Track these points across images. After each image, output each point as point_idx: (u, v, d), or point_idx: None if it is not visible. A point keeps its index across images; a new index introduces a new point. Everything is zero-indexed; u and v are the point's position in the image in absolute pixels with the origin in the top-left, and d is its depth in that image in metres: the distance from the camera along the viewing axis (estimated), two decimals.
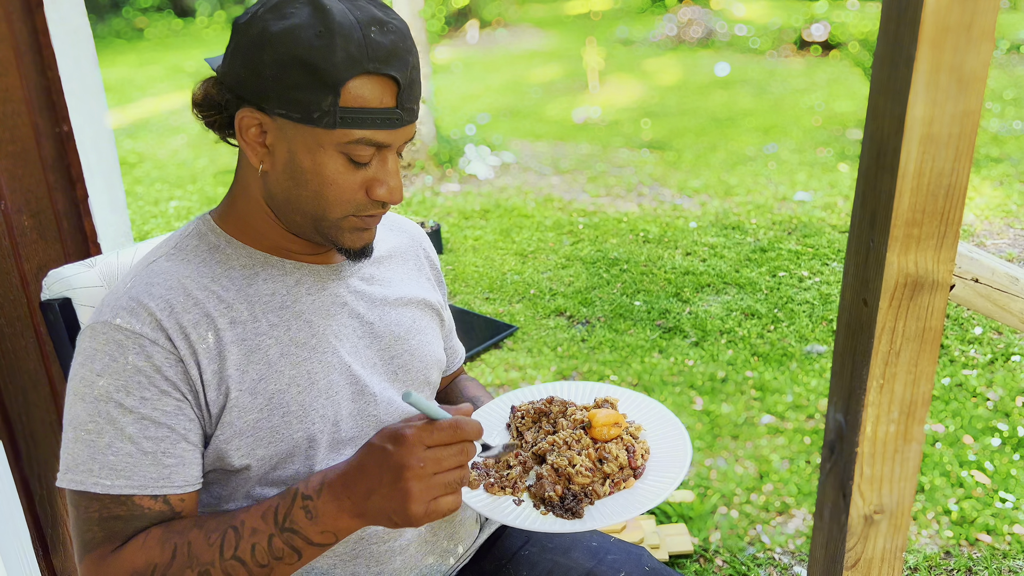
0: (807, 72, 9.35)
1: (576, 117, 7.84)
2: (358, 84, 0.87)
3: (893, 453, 0.85)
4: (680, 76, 9.60)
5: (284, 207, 0.95)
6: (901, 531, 0.91)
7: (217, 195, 5.86)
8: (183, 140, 7.51)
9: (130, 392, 0.88)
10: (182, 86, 9.88)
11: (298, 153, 0.90)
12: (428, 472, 0.79)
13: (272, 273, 0.99)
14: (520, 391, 1.20)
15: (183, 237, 0.99)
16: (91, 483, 0.87)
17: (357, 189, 0.93)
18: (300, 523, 0.83)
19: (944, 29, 0.70)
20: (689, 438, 1.08)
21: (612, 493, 1.01)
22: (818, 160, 6.00)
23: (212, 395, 0.91)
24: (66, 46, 1.18)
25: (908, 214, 0.75)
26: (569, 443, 1.04)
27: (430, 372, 1.12)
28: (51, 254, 1.27)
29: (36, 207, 1.25)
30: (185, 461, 0.90)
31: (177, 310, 0.91)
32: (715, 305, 3.72)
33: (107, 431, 0.87)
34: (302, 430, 0.96)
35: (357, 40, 0.85)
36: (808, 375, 3.09)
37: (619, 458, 1.03)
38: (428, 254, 1.20)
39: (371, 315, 1.05)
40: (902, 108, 0.74)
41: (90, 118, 1.22)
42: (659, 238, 4.59)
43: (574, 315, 3.72)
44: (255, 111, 0.90)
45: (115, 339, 0.89)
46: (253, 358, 0.94)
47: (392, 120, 0.90)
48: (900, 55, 0.74)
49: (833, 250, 4.23)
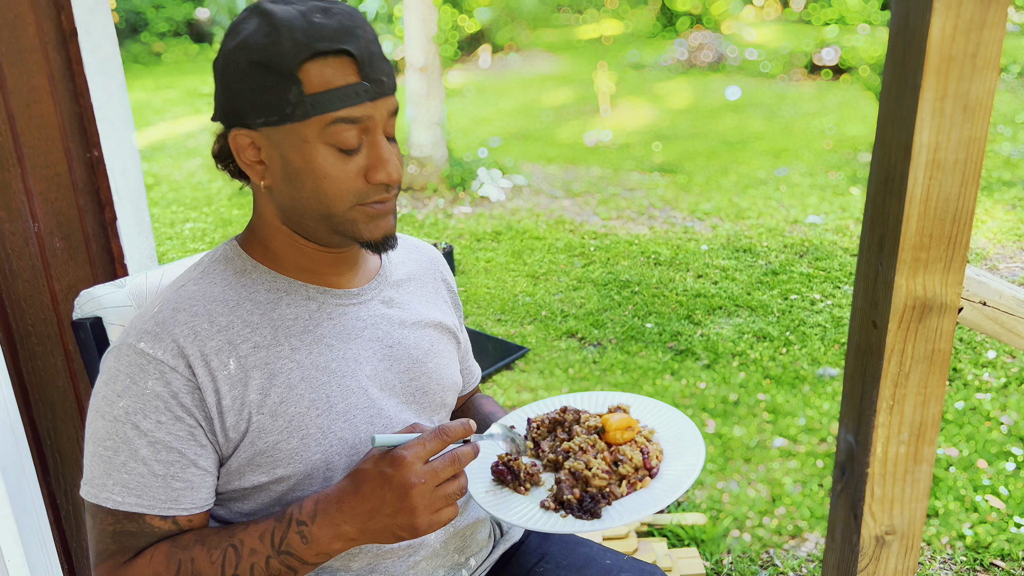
0: (818, 96, 9.38)
1: (587, 140, 7.89)
2: (316, 68, 0.88)
3: (904, 474, 0.86)
4: (691, 100, 9.66)
5: (294, 215, 0.97)
6: (912, 552, 0.91)
7: (232, 217, 5.92)
8: (198, 163, 7.60)
9: (147, 415, 0.91)
10: (198, 110, 10.02)
11: (289, 155, 0.92)
12: (430, 486, 0.85)
13: (296, 298, 1.01)
14: (534, 404, 1.23)
15: (211, 261, 1.02)
16: (104, 497, 0.91)
17: (355, 178, 0.93)
18: (295, 547, 0.88)
19: (949, 58, 0.72)
20: (702, 437, 1.10)
21: (629, 493, 1.03)
22: (829, 183, 6.01)
23: (232, 420, 0.94)
24: (97, 74, 1.23)
25: (916, 238, 0.77)
26: (584, 448, 1.07)
27: (447, 395, 1.14)
28: (80, 275, 1.30)
29: (67, 229, 1.29)
30: (193, 485, 0.93)
31: (201, 336, 0.93)
32: (727, 328, 3.73)
33: (123, 450, 0.91)
34: (320, 452, 0.98)
35: (301, 26, 0.88)
36: (820, 398, 3.09)
37: (634, 459, 1.05)
38: (445, 277, 1.22)
39: (391, 338, 1.07)
40: (909, 135, 0.75)
41: (119, 143, 1.26)
42: (670, 260, 4.60)
43: (585, 337, 3.73)
44: (241, 130, 0.93)
45: (137, 363, 0.91)
46: (275, 381, 0.96)
47: (360, 94, 0.90)
48: (906, 83, 0.76)
49: (845, 273, 4.23)
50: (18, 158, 1.23)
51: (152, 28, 14.97)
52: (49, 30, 1.26)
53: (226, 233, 5.58)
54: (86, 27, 1.26)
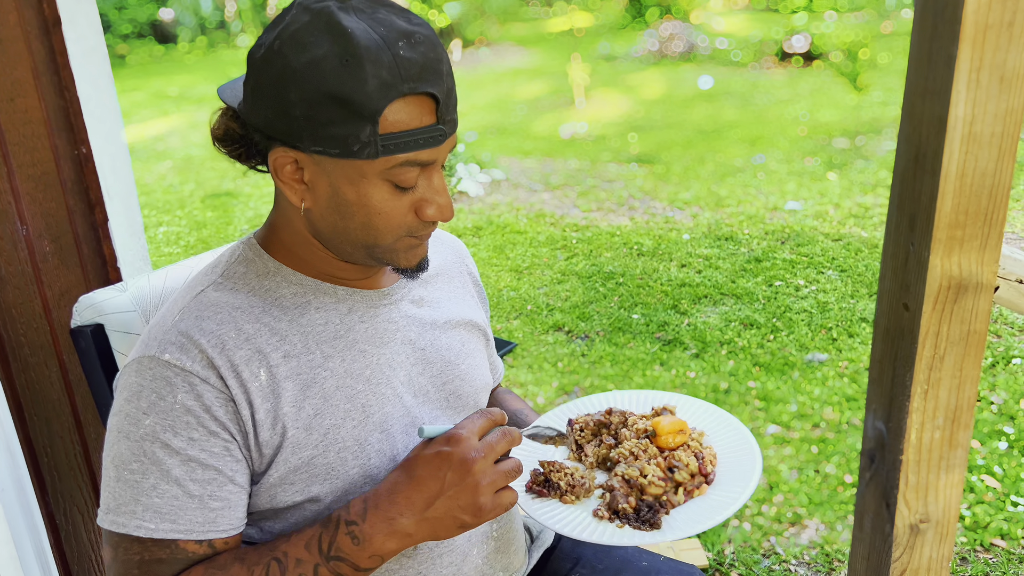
0: (789, 83, 9.43)
1: (563, 133, 7.86)
2: (396, 108, 0.82)
3: (939, 460, 0.84)
4: (664, 90, 9.66)
5: (333, 240, 0.91)
6: (947, 540, 0.89)
7: (206, 219, 5.82)
8: (169, 165, 7.47)
9: (177, 432, 0.84)
10: (166, 112, 9.84)
11: (341, 187, 0.86)
12: (489, 460, 0.82)
13: (324, 301, 0.95)
14: (573, 403, 1.18)
15: (230, 264, 0.95)
16: (134, 526, 0.83)
17: (406, 213, 0.88)
18: (347, 550, 0.82)
19: (985, 27, 0.69)
20: (754, 439, 1.06)
21: (686, 501, 0.99)
22: (806, 170, 6.03)
23: (265, 435, 0.88)
24: (83, 66, 1.16)
25: (951, 216, 0.74)
26: (636, 453, 1.02)
27: (480, 396, 1.09)
28: (71, 280, 1.23)
29: (57, 232, 1.22)
30: (231, 504, 0.87)
31: (229, 346, 0.87)
32: (713, 316, 3.72)
33: (152, 472, 0.84)
34: (358, 466, 0.92)
35: (387, 62, 0.80)
36: (811, 383, 3.08)
37: (689, 465, 1.00)
38: (471, 270, 1.18)
39: (423, 340, 1.02)
40: (943, 108, 0.72)
41: (107, 139, 1.19)
42: (653, 251, 4.58)
43: (573, 330, 3.70)
44: (288, 150, 0.85)
45: (163, 376, 0.85)
46: (309, 392, 0.90)
47: (435, 138, 0.85)
48: (939, 55, 0.73)
49: (827, 258, 4.24)
50: (3, 156, 1.15)
51: (115, 30, 14.68)
52: (31, 18, 1.18)
53: (201, 236, 5.48)
54: (70, 15, 1.19)
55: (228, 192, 6.47)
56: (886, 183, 5.43)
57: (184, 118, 9.47)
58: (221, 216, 5.88)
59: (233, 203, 6.17)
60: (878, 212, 4.87)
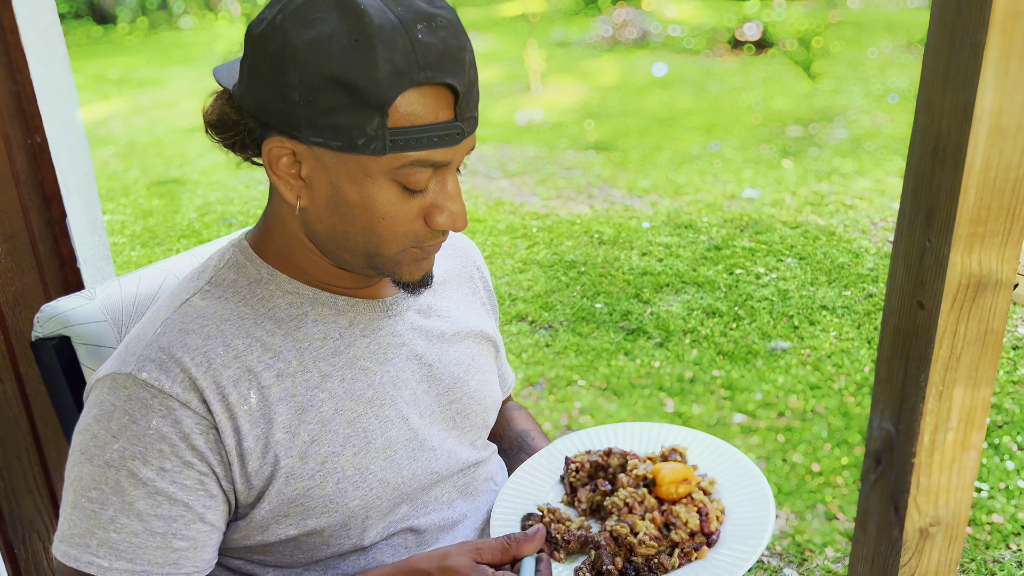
0: (742, 71, 9.51)
1: (519, 120, 7.79)
2: (408, 99, 0.73)
3: (951, 462, 0.81)
4: (619, 77, 9.66)
5: (330, 244, 0.82)
6: (956, 543, 0.87)
7: (152, 207, 5.62)
8: (111, 151, 7.19)
9: (148, 461, 0.75)
10: (106, 95, 9.48)
11: (342, 185, 0.76)
12: None
13: (323, 312, 0.86)
14: (574, 435, 1.07)
15: (218, 269, 0.86)
16: (86, 561, 0.75)
17: (414, 219, 0.80)
18: None
19: (1015, 14, 0.66)
20: (771, 492, 0.95)
21: (682, 565, 0.87)
22: (762, 157, 6.08)
23: (255, 465, 0.79)
24: (36, 46, 1.04)
25: (973, 211, 0.71)
26: (631, 505, 0.91)
27: (488, 415, 1.01)
28: (27, 283, 1.12)
29: (10, 230, 1.10)
30: (198, 544, 0.78)
31: (215, 365, 0.78)
32: (676, 305, 3.71)
33: (112, 503, 0.75)
34: (358, 498, 0.84)
35: (402, 46, 0.71)
36: (775, 372, 3.10)
37: (689, 523, 0.90)
38: (482, 274, 1.09)
39: (430, 355, 0.93)
40: (968, 98, 0.69)
41: (63, 126, 1.07)
42: (614, 239, 4.57)
43: (536, 320, 3.66)
44: (285, 139, 0.76)
45: (139, 396, 0.76)
46: (305, 417, 0.81)
47: (452, 136, 0.76)
48: (963, 42, 0.69)
49: (786, 246, 4.27)
50: None
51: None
52: None
53: (147, 225, 5.28)
54: None
55: (175, 179, 6.26)
56: (840, 171, 5.50)
57: (126, 102, 9.14)
58: (168, 204, 5.69)
59: (180, 190, 5.98)
60: (833, 200, 4.93)
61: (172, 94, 9.35)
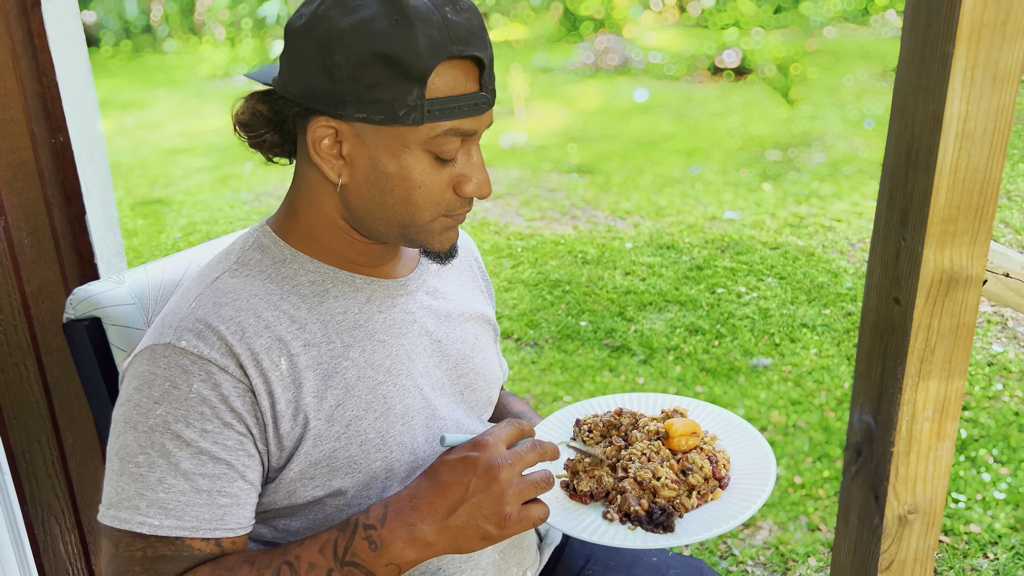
0: (722, 97, 9.67)
1: (503, 143, 7.88)
2: (443, 71, 0.81)
3: (927, 451, 0.85)
4: (601, 102, 9.80)
5: (367, 218, 0.89)
6: (933, 530, 0.91)
7: (137, 228, 5.61)
8: None
9: (190, 423, 0.79)
10: None
11: (381, 158, 0.84)
12: (517, 469, 0.79)
13: (343, 289, 0.92)
14: (581, 404, 1.15)
15: (244, 251, 0.92)
16: (137, 522, 0.79)
17: (445, 188, 0.87)
18: (363, 555, 0.78)
19: (979, 26, 0.71)
20: (767, 443, 1.05)
21: (700, 505, 0.97)
22: (742, 180, 6.19)
23: (286, 426, 0.84)
24: (61, 49, 1.08)
25: (944, 210, 0.76)
26: (648, 455, 1.00)
27: (492, 391, 1.08)
28: (49, 275, 1.15)
29: (35, 224, 1.14)
30: (240, 501, 0.82)
31: (249, 334, 0.83)
32: (659, 323, 3.77)
33: (159, 465, 0.79)
34: (380, 459, 0.89)
35: (437, 23, 0.79)
36: (757, 388, 3.15)
37: (704, 468, 0.99)
38: (479, 264, 1.17)
39: (439, 332, 1.00)
40: (938, 105, 0.74)
41: (84, 128, 1.11)
42: (597, 259, 4.62)
43: (521, 337, 3.70)
44: (329, 120, 0.83)
45: (179, 363, 0.80)
46: (330, 383, 0.87)
47: (479, 105, 0.85)
48: (933, 53, 0.74)
49: (766, 266, 4.35)
50: None
51: None
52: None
53: (131, 245, 5.28)
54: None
55: (159, 199, 6.26)
56: (819, 193, 5.61)
57: (110, 123, 9.14)
58: (152, 224, 5.69)
59: (165, 211, 5.98)
60: (812, 221, 5.03)
61: (156, 116, 9.37)
